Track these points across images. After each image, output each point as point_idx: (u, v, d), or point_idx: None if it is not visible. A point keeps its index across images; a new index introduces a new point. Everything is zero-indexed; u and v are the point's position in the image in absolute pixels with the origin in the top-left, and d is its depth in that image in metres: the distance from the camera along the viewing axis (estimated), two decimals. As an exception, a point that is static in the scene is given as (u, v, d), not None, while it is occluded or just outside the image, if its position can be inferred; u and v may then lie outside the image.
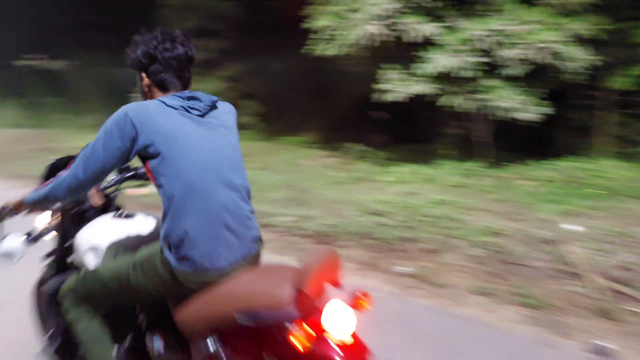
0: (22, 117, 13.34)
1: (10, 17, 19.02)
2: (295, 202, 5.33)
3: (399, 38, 6.32)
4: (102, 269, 1.84)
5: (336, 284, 1.61)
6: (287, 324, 1.43)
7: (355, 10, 6.71)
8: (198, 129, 1.69)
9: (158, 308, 1.83)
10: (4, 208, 1.93)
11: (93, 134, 1.71)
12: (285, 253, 4.37)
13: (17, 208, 1.91)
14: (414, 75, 6.30)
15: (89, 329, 1.89)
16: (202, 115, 1.72)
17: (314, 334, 1.41)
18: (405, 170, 6.50)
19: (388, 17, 6.34)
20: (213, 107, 1.78)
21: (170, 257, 1.63)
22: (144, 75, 1.80)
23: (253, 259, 1.77)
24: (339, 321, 1.42)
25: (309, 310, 1.44)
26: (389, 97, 6.41)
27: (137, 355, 1.94)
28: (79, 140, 9.60)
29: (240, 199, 1.73)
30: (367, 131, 8.02)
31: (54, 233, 2.21)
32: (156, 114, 1.63)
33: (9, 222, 1.95)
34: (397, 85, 6.37)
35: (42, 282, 2.38)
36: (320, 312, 1.43)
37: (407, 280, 3.76)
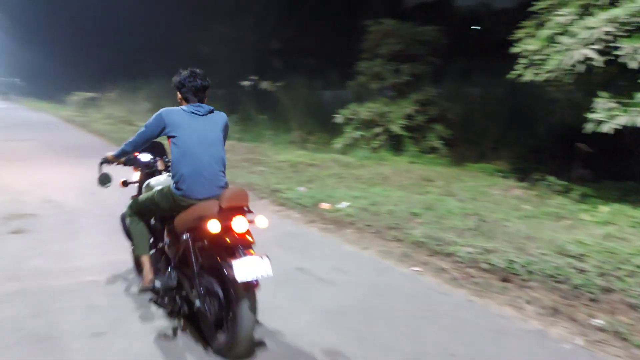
0: (234, 131, 15.07)
1: (235, 44, 21.79)
2: (477, 232, 5.11)
3: (614, 63, 5.72)
4: (144, 194, 3.56)
5: (247, 209, 2.97)
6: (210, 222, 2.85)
7: (569, 34, 6.26)
8: (196, 123, 3.16)
9: (171, 222, 3.31)
10: (103, 159, 3.68)
11: (298, 150, 4.51)
12: (461, 285, 4.21)
13: (110, 159, 3.66)
14: (632, 105, 5.61)
15: (137, 229, 3.59)
16: (202, 115, 3.19)
17: (220, 225, 2.84)
18: (609, 209, 5.79)
19: (603, 40, 5.78)
20: (210, 112, 3.25)
21: (172, 187, 3.16)
22: (178, 93, 3.31)
23: (218, 197, 3.01)
24: (238, 224, 2.87)
25: (224, 216, 2.88)
26: (601, 128, 5.81)
27: (163, 256, 3.57)
28: (283, 154, 10.49)
29: (214, 162, 3.16)
30: (566, 163, 7.35)
31: (137, 184, 3.98)
32: (176, 114, 3.15)
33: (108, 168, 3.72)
34: (609, 116, 5.75)
35: None
36: (231, 219, 2.86)
37: (600, 335, 3.34)
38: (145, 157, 3.89)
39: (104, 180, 3.79)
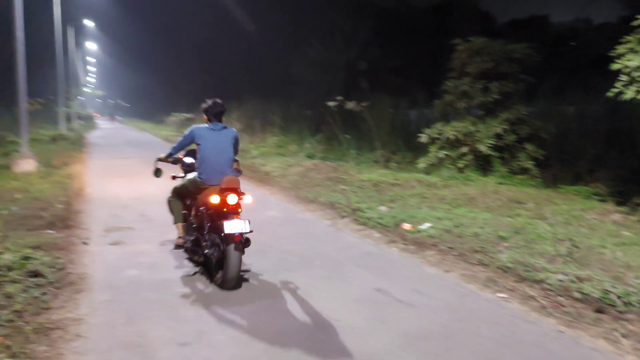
0: (319, 150, 15.31)
1: (323, 66, 22.24)
2: (569, 259, 4.81)
3: None
4: (181, 183, 5.34)
5: (239, 190, 4.58)
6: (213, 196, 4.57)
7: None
8: (214, 135, 4.89)
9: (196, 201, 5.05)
10: (157, 158, 5.44)
11: (381, 169, 8.13)
12: (551, 315, 3.98)
13: (162, 159, 5.42)
14: None
15: (175, 205, 5.35)
16: (218, 131, 4.91)
17: (219, 199, 4.51)
18: None
19: None
20: (224, 128, 4.96)
21: (197, 177, 4.91)
22: (204, 115, 4.98)
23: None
24: (231, 198, 4.48)
25: (222, 193, 4.51)
26: None
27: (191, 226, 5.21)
28: (366, 173, 10.52)
29: (223, 162, 4.84)
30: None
31: (181, 178, 5.53)
32: (201, 130, 4.91)
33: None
34: None
35: None
36: (227, 195, 4.48)
37: None
38: (188, 159, 5.49)
39: (158, 173, 5.45)
